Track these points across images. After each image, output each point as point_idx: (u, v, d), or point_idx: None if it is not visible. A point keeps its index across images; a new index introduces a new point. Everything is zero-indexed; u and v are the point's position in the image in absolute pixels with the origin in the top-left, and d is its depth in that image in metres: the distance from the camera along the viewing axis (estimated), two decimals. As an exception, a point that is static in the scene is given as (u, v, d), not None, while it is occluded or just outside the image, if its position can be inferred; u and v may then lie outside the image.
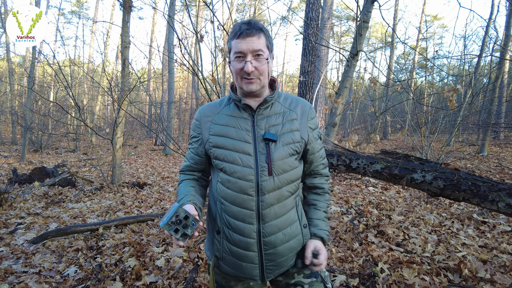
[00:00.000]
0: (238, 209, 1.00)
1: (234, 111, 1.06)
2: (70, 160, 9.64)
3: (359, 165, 2.40)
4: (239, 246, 1.02)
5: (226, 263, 1.06)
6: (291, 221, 1.05)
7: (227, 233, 1.03)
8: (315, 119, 1.12)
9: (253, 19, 1.02)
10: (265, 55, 0.99)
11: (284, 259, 1.05)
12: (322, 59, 8.82)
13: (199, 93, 12.81)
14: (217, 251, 1.07)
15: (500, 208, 1.66)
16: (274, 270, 1.05)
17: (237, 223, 1.01)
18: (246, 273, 1.04)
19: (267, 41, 1.00)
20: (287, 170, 1.02)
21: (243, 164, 0.99)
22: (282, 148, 1.01)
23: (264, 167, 0.99)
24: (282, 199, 1.02)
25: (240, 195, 0.99)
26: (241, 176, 0.99)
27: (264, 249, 1.01)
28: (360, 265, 2.49)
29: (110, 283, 2.30)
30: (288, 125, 1.04)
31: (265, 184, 0.99)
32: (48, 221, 3.82)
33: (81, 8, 26.44)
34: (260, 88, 1.03)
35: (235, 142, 1.01)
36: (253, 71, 0.98)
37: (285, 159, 1.01)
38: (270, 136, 1.00)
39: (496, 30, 11.70)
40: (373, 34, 26.37)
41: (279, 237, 1.02)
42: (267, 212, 1.00)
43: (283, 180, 1.01)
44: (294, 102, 1.10)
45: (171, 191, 5.55)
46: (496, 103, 9.67)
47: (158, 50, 17.68)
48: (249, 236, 1.00)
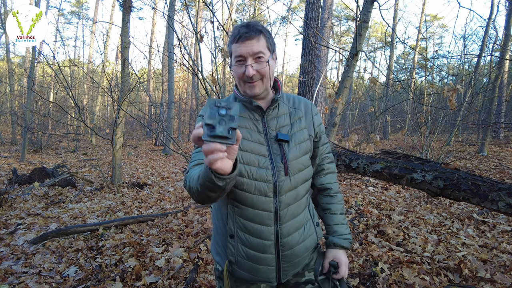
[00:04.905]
0: (255, 212, 0.98)
1: (244, 112, 1.03)
2: (70, 161, 9.64)
3: (359, 165, 2.40)
4: (256, 249, 1.00)
5: (241, 268, 1.02)
6: (305, 220, 1.06)
7: (243, 237, 1.00)
8: (318, 115, 1.14)
9: (252, 21, 1.00)
10: (266, 57, 0.97)
11: (300, 259, 1.04)
12: (322, 59, 8.82)
13: (199, 93, 12.82)
14: (231, 255, 1.02)
15: (500, 207, 1.66)
16: (289, 271, 1.04)
17: (254, 226, 0.99)
18: (263, 276, 1.02)
19: (268, 42, 0.99)
20: (301, 169, 1.03)
21: (260, 165, 0.98)
22: (295, 147, 1.02)
23: (280, 168, 0.99)
24: (298, 198, 1.03)
25: (258, 197, 0.97)
26: (258, 178, 0.97)
27: (281, 250, 1.01)
28: (360, 265, 2.49)
29: (110, 284, 2.30)
30: (296, 124, 1.06)
31: (283, 184, 0.99)
32: (48, 222, 3.82)
33: (80, 9, 26.44)
34: (264, 91, 1.03)
35: (251, 143, 0.99)
36: (254, 74, 0.96)
37: (299, 159, 1.02)
38: (283, 137, 1.01)
39: (496, 30, 11.71)
40: (373, 34, 26.37)
41: (295, 237, 1.02)
42: (285, 213, 1.00)
43: (299, 179, 1.02)
44: (297, 101, 1.11)
45: (171, 191, 5.54)
46: (496, 103, 9.67)
47: (158, 50, 17.70)
48: (267, 238, 0.99)
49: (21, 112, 13.99)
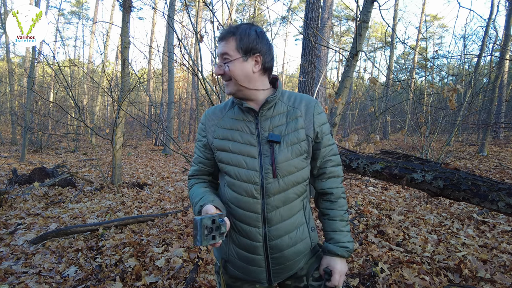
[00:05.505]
0: (243, 212, 1.00)
1: (238, 114, 1.04)
2: (70, 161, 9.64)
3: (359, 165, 2.40)
4: (245, 250, 1.02)
5: (233, 266, 1.05)
6: (298, 224, 1.03)
7: (234, 236, 1.03)
8: (323, 114, 1.07)
9: (241, 23, 1.01)
10: (232, 58, 0.97)
11: (292, 262, 1.03)
12: (322, 59, 8.82)
13: (199, 93, 12.82)
14: (224, 254, 1.07)
15: (500, 207, 1.66)
16: (281, 273, 1.03)
17: (243, 226, 1.01)
18: (253, 276, 1.03)
19: (240, 43, 0.97)
20: (292, 171, 1.00)
21: (248, 167, 0.98)
22: (286, 149, 0.99)
23: (268, 169, 0.97)
24: (288, 202, 1.00)
25: (245, 198, 0.99)
26: (246, 179, 0.98)
27: (270, 252, 1.00)
28: (360, 265, 2.49)
29: (110, 284, 2.30)
30: (292, 124, 1.01)
31: (270, 186, 0.97)
32: (48, 222, 3.82)
33: (80, 9, 26.45)
34: (238, 91, 1.01)
35: (240, 145, 1.01)
36: (222, 74, 0.99)
37: (290, 161, 0.99)
38: (274, 137, 0.98)
39: (496, 30, 11.71)
40: (373, 34, 26.37)
41: (285, 241, 1.01)
42: (273, 215, 0.99)
43: (289, 182, 0.99)
44: (298, 99, 1.06)
45: (171, 191, 5.54)
46: (496, 103, 9.66)
47: (158, 50, 17.70)
48: (255, 239, 1.00)
49: (21, 112, 13.99)
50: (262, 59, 1.00)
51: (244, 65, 0.98)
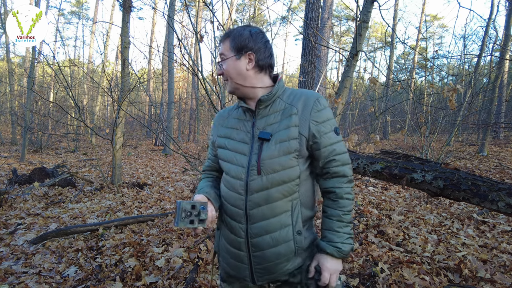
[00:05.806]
0: (230, 208, 1.05)
1: (240, 114, 1.10)
2: (70, 161, 9.63)
3: (359, 165, 2.40)
4: (231, 244, 1.06)
5: (223, 259, 1.12)
6: (281, 225, 1.00)
7: (223, 230, 1.10)
8: (323, 112, 1.01)
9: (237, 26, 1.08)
10: (226, 57, 1.03)
11: (273, 264, 1.01)
12: (322, 59, 8.82)
13: (199, 93, 12.82)
14: (216, 246, 1.15)
15: (500, 207, 1.66)
16: (263, 274, 1.03)
17: (230, 221, 1.06)
18: (238, 272, 1.07)
19: (233, 43, 1.02)
20: (277, 170, 0.97)
21: (237, 163, 1.03)
22: (274, 146, 0.98)
23: (254, 166, 0.99)
24: (271, 201, 0.98)
25: (232, 194, 1.03)
26: (235, 175, 1.03)
27: (252, 250, 1.02)
28: (360, 265, 2.49)
29: (110, 284, 2.30)
30: (285, 121, 0.99)
31: (253, 183, 0.99)
32: (48, 222, 3.82)
33: (81, 9, 26.44)
34: (236, 89, 1.06)
35: (235, 143, 1.06)
36: (221, 74, 1.05)
37: (275, 158, 0.97)
38: (263, 135, 1.00)
39: (496, 30, 11.72)
40: (373, 34, 26.36)
41: (266, 240, 1.00)
42: (254, 213, 1.00)
43: (273, 180, 0.97)
44: (297, 96, 1.03)
45: (171, 191, 5.55)
46: (496, 103, 9.67)
47: (158, 50, 17.70)
48: (238, 235, 1.03)
49: (21, 112, 13.99)
50: (255, 56, 1.02)
51: (237, 63, 1.02)
